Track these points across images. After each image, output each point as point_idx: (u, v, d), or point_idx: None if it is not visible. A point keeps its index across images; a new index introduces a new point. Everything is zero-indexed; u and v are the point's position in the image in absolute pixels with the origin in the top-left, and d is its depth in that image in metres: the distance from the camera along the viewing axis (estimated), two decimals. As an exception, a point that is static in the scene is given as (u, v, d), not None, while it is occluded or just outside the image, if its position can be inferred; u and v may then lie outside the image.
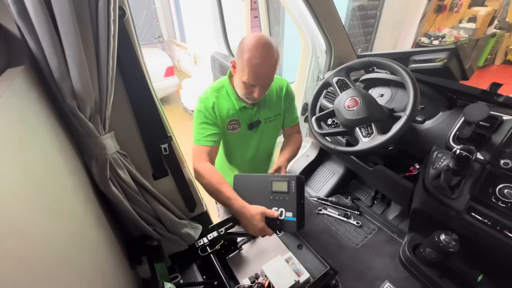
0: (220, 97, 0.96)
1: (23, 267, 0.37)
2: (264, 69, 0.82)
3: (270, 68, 0.83)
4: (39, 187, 0.48)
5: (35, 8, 0.51)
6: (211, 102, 0.95)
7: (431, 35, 4.53)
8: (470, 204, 0.78)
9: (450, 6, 4.55)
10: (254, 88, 0.86)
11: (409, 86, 0.83)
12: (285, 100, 1.05)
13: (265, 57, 0.80)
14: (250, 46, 0.79)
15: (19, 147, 0.44)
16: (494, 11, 4.78)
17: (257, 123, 1.02)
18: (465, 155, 0.70)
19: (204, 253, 0.98)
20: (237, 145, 1.07)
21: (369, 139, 0.88)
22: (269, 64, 0.82)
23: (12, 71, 0.49)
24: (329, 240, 1.32)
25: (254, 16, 3.02)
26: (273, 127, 1.08)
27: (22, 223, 0.40)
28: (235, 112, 0.97)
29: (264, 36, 0.82)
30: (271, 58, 0.81)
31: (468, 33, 4.68)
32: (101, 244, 0.72)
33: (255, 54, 0.79)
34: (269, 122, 1.05)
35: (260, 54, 0.79)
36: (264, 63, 0.80)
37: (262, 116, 1.03)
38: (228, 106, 0.97)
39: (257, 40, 0.80)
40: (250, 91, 0.87)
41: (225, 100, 0.97)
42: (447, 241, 0.85)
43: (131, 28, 0.76)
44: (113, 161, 0.78)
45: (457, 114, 0.91)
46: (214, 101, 0.95)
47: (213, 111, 0.95)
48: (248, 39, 0.81)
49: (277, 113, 1.06)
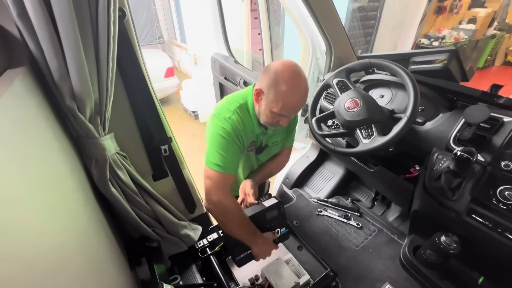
0: (243, 115, 0.87)
1: (22, 269, 0.36)
2: (299, 102, 0.80)
3: (304, 99, 0.81)
4: (38, 188, 0.48)
5: (35, 9, 0.51)
6: (240, 123, 0.85)
7: (431, 36, 4.53)
8: (470, 206, 0.78)
9: (450, 8, 4.55)
10: (283, 118, 0.82)
11: (409, 87, 0.83)
12: (290, 124, 1.04)
13: (301, 90, 0.78)
14: (286, 77, 0.75)
15: (19, 148, 0.44)
16: (494, 12, 4.79)
17: (265, 148, 1.01)
18: (466, 157, 0.70)
19: (203, 254, 0.98)
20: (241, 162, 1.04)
21: (369, 141, 0.88)
22: (304, 96, 0.80)
23: (11, 72, 0.49)
24: (329, 242, 1.32)
25: (254, 17, 3.03)
26: (276, 149, 1.08)
27: (21, 225, 0.39)
28: (254, 134, 0.93)
29: (296, 65, 0.78)
30: (306, 90, 0.80)
31: (468, 34, 4.68)
32: (100, 245, 0.72)
33: (291, 88, 0.75)
34: (275, 145, 1.04)
35: (296, 88, 0.76)
36: (300, 96, 0.78)
37: (270, 140, 1.01)
38: (251, 129, 0.90)
39: (291, 70, 0.76)
40: (278, 120, 0.83)
41: (247, 119, 0.88)
42: (447, 243, 0.85)
43: (131, 29, 0.77)
44: (112, 162, 0.78)
45: (458, 115, 0.91)
46: (240, 124, 0.86)
47: (238, 135, 0.85)
48: (281, 69, 0.76)
49: (283, 137, 1.05)
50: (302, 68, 0.78)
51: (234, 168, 0.87)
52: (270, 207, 0.89)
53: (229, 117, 0.84)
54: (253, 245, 0.87)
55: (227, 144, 0.83)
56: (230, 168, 0.84)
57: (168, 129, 0.98)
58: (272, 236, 0.91)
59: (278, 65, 0.77)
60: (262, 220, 0.89)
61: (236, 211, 0.83)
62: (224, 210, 0.82)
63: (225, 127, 0.82)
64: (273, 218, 0.91)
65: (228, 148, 0.83)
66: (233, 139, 0.83)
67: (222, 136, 0.82)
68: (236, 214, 0.83)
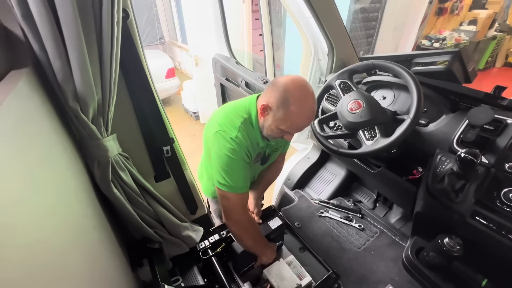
0: (248, 130, 0.84)
1: (22, 269, 0.36)
2: (308, 122, 0.79)
3: (312, 118, 0.79)
4: (40, 189, 0.48)
5: (39, 10, 0.51)
6: (246, 139, 0.83)
7: (432, 37, 4.53)
8: (474, 208, 0.77)
9: (450, 9, 4.55)
10: (288, 134, 0.81)
11: (412, 89, 0.83)
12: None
13: (311, 110, 0.77)
14: (297, 98, 0.73)
15: (22, 149, 0.44)
16: (494, 14, 4.79)
17: (268, 156, 1.01)
18: (470, 159, 0.70)
19: (205, 256, 0.97)
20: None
21: (372, 142, 0.88)
22: (312, 115, 0.78)
23: (16, 73, 0.49)
24: (331, 243, 1.31)
25: (255, 18, 3.03)
26: (275, 156, 1.09)
27: (23, 226, 0.39)
28: (259, 148, 0.92)
29: (307, 84, 0.76)
30: (315, 109, 0.78)
31: (468, 36, 4.68)
32: (102, 246, 0.72)
33: (302, 109, 0.74)
34: (274, 152, 1.04)
35: (307, 108, 0.76)
36: (309, 116, 0.77)
37: (270, 149, 0.99)
38: (256, 142, 0.87)
39: (302, 90, 0.74)
40: (282, 135, 0.82)
41: (253, 135, 0.86)
42: (451, 245, 0.84)
43: (134, 30, 0.76)
44: (115, 163, 0.78)
45: (461, 117, 0.91)
46: (247, 137, 0.83)
47: (247, 152, 0.84)
48: (292, 88, 0.74)
49: (282, 144, 1.05)
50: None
51: (246, 185, 0.86)
52: (275, 229, 0.97)
53: (235, 136, 0.80)
54: (263, 255, 0.94)
55: (237, 164, 0.81)
56: (243, 187, 0.84)
57: (170, 130, 0.98)
58: (275, 245, 1.01)
59: (289, 83, 0.74)
60: (267, 238, 0.96)
61: (252, 227, 0.88)
62: (243, 227, 0.86)
63: (232, 147, 0.80)
64: (275, 237, 1.00)
65: (238, 168, 0.81)
66: (242, 158, 0.82)
67: (230, 157, 0.80)
68: (253, 230, 0.88)
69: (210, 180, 1.08)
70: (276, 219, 1.01)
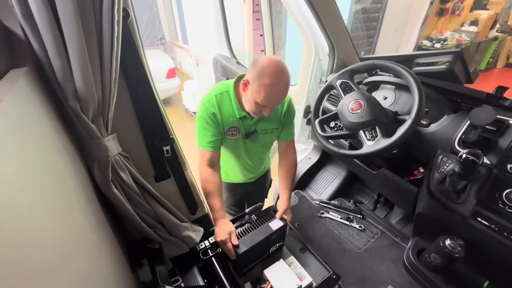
0: (222, 102, 0.98)
1: (21, 270, 0.36)
2: (280, 95, 0.88)
3: (284, 93, 0.89)
4: (40, 189, 0.47)
5: (39, 9, 0.51)
6: (213, 107, 0.97)
7: (433, 38, 4.52)
8: (476, 209, 0.77)
9: (452, 10, 4.54)
10: (265, 108, 0.90)
11: (414, 89, 0.82)
12: (285, 116, 1.08)
13: (283, 83, 0.86)
14: (269, 72, 0.83)
15: (21, 149, 0.44)
16: (496, 14, 4.78)
17: (253, 133, 1.07)
18: (472, 159, 0.69)
19: (205, 256, 0.97)
20: (234, 149, 1.13)
21: (373, 143, 0.87)
22: (284, 90, 0.88)
23: (15, 72, 0.49)
24: (331, 244, 1.31)
25: (256, 19, 3.03)
26: (269, 138, 1.12)
27: (22, 226, 0.39)
28: (235, 119, 1.01)
29: (281, 62, 0.86)
30: (287, 85, 0.87)
31: (470, 37, 4.67)
32: (102, 246, 0.72)
33: (273, 81, 0.83)
34: (265, 133, 1.09)
35: (278, 81, 0.84)
36: (281, 89, 0.87)
37: (260, 127, 1.06)
38: (230, 113, 1.00)
39: (275, 66, 0.84)
40: (260, 109, 0.91)
41: (227, 106, 0.99)
42: (452, 246, 0.84)
43: (134, 30, 0.76)
44: (115, 163, 0.77)
45: (462, 117, 0.90)
46: (216, 106, 0.97)
47: (214, 116, 0.98)
48: (266, 64, 0.84)
49: (275, 126, 1.09)
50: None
51: (210, 146, 1.00)
52: (277, 230, 0.96)
53: (204, 102, 0.98)
54: (215, 222, 1.01)
55: (200, 124, 1.00)
56: (203, 145, 1.00)
57: (171, 129, 0.98)
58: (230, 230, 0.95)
59: (264, 59, 0.85)
60: (267, 240, 0.95)
61: (205, 184, 1.01)
62: (201, 179, 1.03)
63: (200, 110, 0.99)
64: (276, 238, 0.99)
65: (200, 127, 1.00)
66: (204, 119, 0.98)
67: (198, 118, 1.00)
68: (207, 187, 1.01)
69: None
70: (277, 220, 1.00)
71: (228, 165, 1.25)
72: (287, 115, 1.08)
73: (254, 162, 1.21)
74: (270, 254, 1.04)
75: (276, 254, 1.05)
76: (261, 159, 1.23)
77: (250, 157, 1.17)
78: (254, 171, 1.28)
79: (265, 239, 0.93)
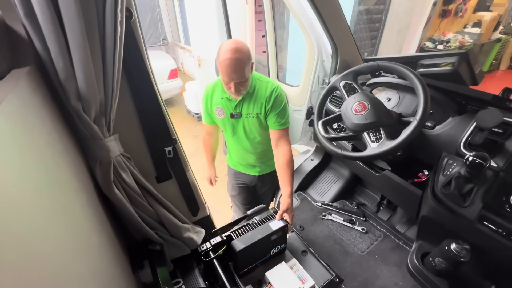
0: (215, 88, 1.20)
1: (21, 272, 0.36)
2: (234, 69, 0.97)
3: (239, 68, 0.97)
4: (41, 190, 0.47)
5: (42, 9, 0.50)
6: (207, 92, 1.21)
7: (436, 39, 4.50)
8: (482, 213, 0.75)
9: (455, 11, 4.52)
10: (230, 84, 1.02)
11: (419, 91, 0.81)
12: (266, 102, 1.14)
13: (233, 59, 0.95)
14: (223, 50, 0.96)
15: (22, 148, 0.43)
16: (499, 16, 4.75)
17: (237, 115, 1.19)
18: (479, 162, 0.68)
19: (207, 258, 0.96)
20: (225, 128, 1.28)
21: (377, 145, 0.86)
22: (238, 65, 0.97)
23: (17, 71, 0.48)
24: (333, 247, 1.29)
25: (258, 20, 3.03)
26: (254, 122, 1.20)
27: (21, 227, 0.38)
28: (219, 101, 1.18)
29: (236, 41, 0.99)
30: (240, 61, 0.96)
31: (473, 38, 4.64)
32: (103, 247, 0.71)
33: (225, 57, 0.95)
34: (249, 117, 1.18)
35: (229, 57, 0.95)
36: (233, 64, 0.96)
37: (244, 110, 1.18)
38: (217, 96, 1.19)
39: (228, 45, 0.97)
40: (228, 86, 1.04)
41: (217, 91, 1.19)
42: (458, 251, 0.82)
43: (137, 30, 0.76)
44: (117, 164, 0.77)
45: (468, 119, 0.89)
46: (210, 91, 1.20)
47: (206, 99, 1.22)
48: (223, 44, 0.98)
49: (257, 111, 1.16)
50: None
51: (205, 119, 1.32)
52: (276, 230, 0.96)
53: (205, 89, 1.23)
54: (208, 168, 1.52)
55: (202, 103, 1.27)
56: (203, 119, 1.34)
57: (173, 130, 0.98)
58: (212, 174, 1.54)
59: (224, 42, 0.99)
60: (267, 240, 0.95)
61: (204, 145, 1.46)
62: (203, 142, 1.45)
63: (203, 94, 1.24)
64: (277, 238, 0.98)
65: (202, 106, 1.27)
66: (204, 101, 1.24)
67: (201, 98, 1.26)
68: (204, 146, 1.46)
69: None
70: (277, 221, 0.99)
71: (229, 146, 1.41)
72: (268, 101, 1.14)
73: (247, 149, 1.31)
74: (272, 256, 1.03)
75: (278, 257, 1.04)
76: (253, 147, 1.30)
77: (240, 141, 1.29)
78: (250, 161, 1.36)
79: (264, 238, 0.92)
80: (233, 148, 1.37)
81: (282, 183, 1.13)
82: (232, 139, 1.31)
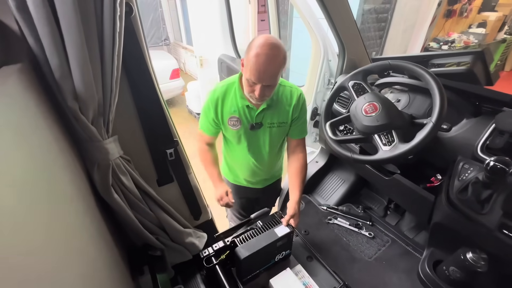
0: (227, 92, 1.00)
1: (16, 280, 0.33)
2: (267, 68, 0.81)
3: (273, 68, 0.82)
4: (34, 196, 0.43)
5: (35, 1, 0.47)
6: (217, 97, 1.00)
7: (440, 40, 4.45)
8: (502, 221, 0.71)
9: (459, 11, 4.46)
10: (256, 86, 0.86)
11: (435, 91, 0.77)
12: (294, 110, 1.03)
13: (270, 56, 0.80)
14: (258, 44, 0.80)
15: (12, 151, 0.40)
16: (504, 16, 4.69)
17: (258, 125, 1.03)
18: (501, 168, 0.64)
19: (209, 264, 0.92)
20: (237, 141, 1.09)
21: (390, 148, 0.82)
22: (273, 64, 0.82)
23: (7, 69, 0.45)
24: (340, 252, 1.25)
25: (261, 20, 3.00)
26: (277, 133, 1.07)
27: (17, 234, 0.36)
28: (236, 109, 1.00)
29: (273, 37, 0.83)
30: (277, 59, 0.81)
31: (478, 39, 4.58)
32: (101, 253, 0.68)
33: (260, 52, 0.79)
34: (272, 127, 1.04)
35: (265, 52, 0.79)
36: (268, 61, 0.80)
37: (266, 120, 1.03)
38: (232, 103, 1.00)
39: (265, 39, 0.81)
40: (252, 89, 0.88)
41: (231, 96, 1.00)
42: (474, 260, 0.78)
43: (138, 26, 0.72)
44: (116, 167, 0.73)
45: (485, 122, 0.85)
46: (220, 96, 1.00)
47: (215, 105, 1.01)
48: (258, 38, 0.83)
49: (282, 120, 1.04)
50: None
51: (207, 129, 1.08)
52: (282, 236, 0.92)
53: (213, 91, 1.01)
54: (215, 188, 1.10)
55: (204, 111, 1.05)
56: (203, 128, 1.09)
57: (175, 132, 0.94)
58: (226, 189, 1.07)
59: (258, 36, 0.84)
60: (272, 247, 0.91)
61: (204, 155, 1.13)
62: (199, 152, 1.14)
63: (206, 98, 1.03)
64: (282, 245, 0.95)
65: (203, 113, 1.06)
66: (208, 107, 1.02)
67: (204, 104, 1.04)
68: (205, 157, 1.13)
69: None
70: (283, 226, 0.96)
71: (233, 161, 1.22)
72: (296, 109, 1.03)
73: (260, 163, 1.15)
74: (276, 262, 0.99)
75: (282, 263, 1.00)
76: (267, 161, 1.16)
77: (254, 155, 1.12)
78: (260, 175, 1.23)
79: (269, 245, 0.89)
80: (239, 162, 1.19)
81: (292, 188, 1.07)
82: (240, 153, 1.13)
